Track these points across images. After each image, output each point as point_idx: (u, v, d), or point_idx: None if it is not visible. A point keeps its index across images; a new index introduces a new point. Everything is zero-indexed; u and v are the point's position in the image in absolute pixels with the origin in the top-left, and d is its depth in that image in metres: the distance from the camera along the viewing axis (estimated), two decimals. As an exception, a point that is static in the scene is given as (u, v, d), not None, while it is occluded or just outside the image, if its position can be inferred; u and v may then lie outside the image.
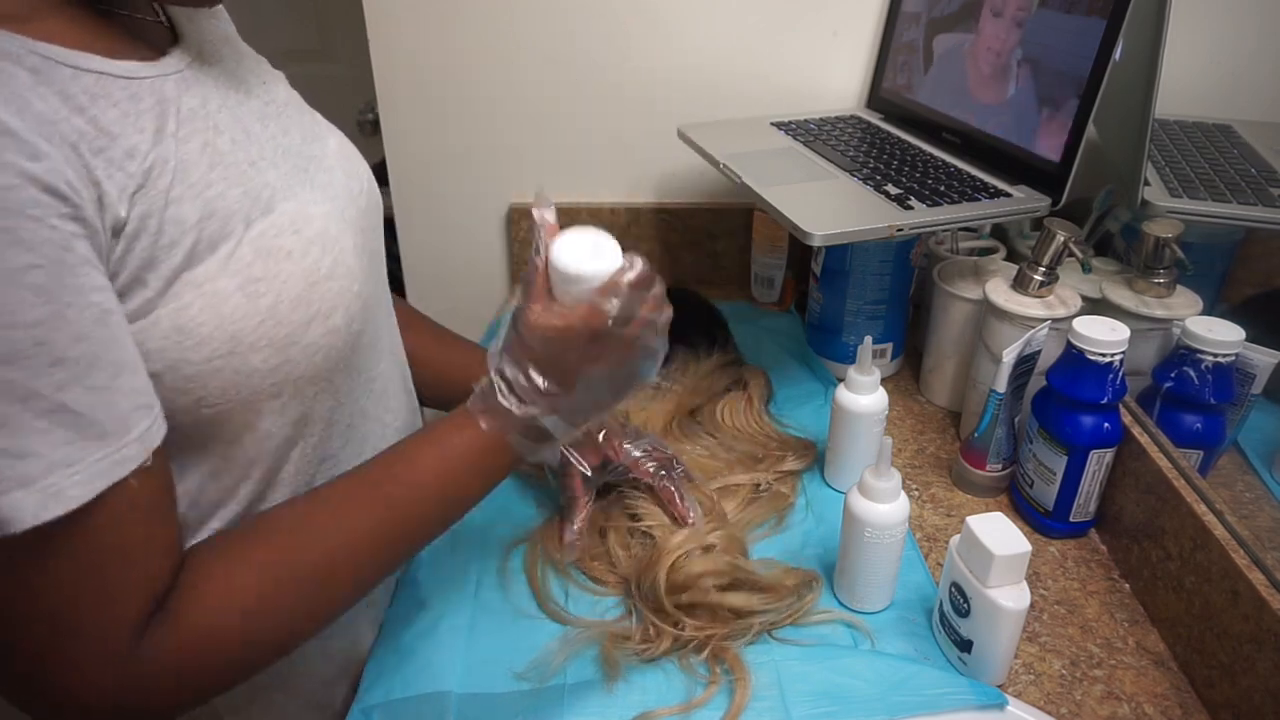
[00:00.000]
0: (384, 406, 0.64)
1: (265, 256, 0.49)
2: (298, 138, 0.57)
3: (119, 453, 0.41)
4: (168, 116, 0.46)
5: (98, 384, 0.40)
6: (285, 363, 0.50)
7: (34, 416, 0.38)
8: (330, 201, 0.56)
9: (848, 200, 0.79)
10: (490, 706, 0.58)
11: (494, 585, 0.69)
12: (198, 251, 0.46)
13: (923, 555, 0.72)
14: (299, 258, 0.50)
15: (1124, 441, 0.70)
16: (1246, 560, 0.57)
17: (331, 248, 0.53)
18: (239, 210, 0.48)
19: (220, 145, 0.49)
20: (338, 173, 0.60)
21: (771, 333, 1.06)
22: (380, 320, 0.63)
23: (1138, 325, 0.70)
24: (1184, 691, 0.61)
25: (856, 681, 0.58)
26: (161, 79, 0.47)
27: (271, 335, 0.49)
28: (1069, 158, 0.74)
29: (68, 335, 0.38)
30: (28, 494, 0.38)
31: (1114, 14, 0.69)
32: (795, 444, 0.83)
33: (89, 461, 0.39)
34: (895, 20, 1.03)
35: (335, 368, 0.55)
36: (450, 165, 1.16)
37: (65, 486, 0.39)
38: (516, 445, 0.53)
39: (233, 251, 0.47)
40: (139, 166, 0.43)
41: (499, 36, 1.07)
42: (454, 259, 1.22)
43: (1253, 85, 0.79)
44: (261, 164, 0.52)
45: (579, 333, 0.51)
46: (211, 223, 0.46)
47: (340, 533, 0.50)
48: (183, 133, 0.47)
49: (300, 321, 0.50)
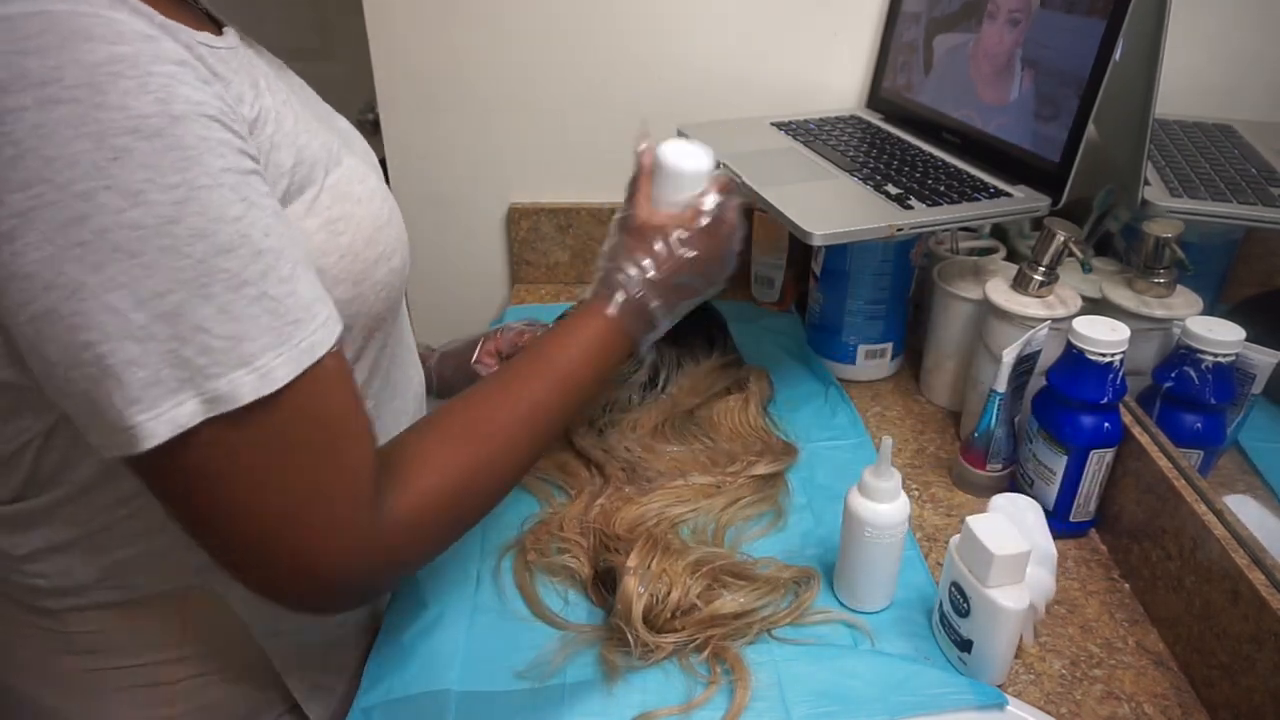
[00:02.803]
0: (410, 361, 0.71)
1: (341, 200, 0.54)
2: (326, 112, 0.64)
3: (313, 336, 0.44)
4: (257, 76, 0.50)
5: (285, 274, 0.43)
6: (358, 297, 0.55)
7: (246, 303, 0.41)
8: (370, 166, 0.62)
9: (848, 200, 0.79)
10: (490, 705, 0.59)
11: (493, 585, 0.69)
12: (290, 193, 0.50)
13: (923, 555, 0.72)
14: (366, 203, 0.56)
15: (1124, 441, 0.70)
16: (1246, 560, 0.57)
17: (385, 199, 0.59)
18: (320, 160, 0.53)
19: (294, 104, 0.54)
20: (359, 144, 0.65)
21: (771, 333, 1.06)
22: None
23: (1138, 325, 0.70)
24: (1184, 691, 0.61)
25: (856, 681, 0.58)
26: (234, 50, 0.51)
27: (350, 270, 0.54)
28: (1069, 158, 0.74)
29: (260, 230, 0.42)
30: (247, 373, 0.41)
31: (1114, 14, 0.69)
32: (777, 446, 0.83)
33: (292, 344, 0.43)
34: (895, 20, 1.03)
35: (390, 309, 0.60)
36: (450, 165, 1.15)
37: (274, 366, 0.42)
38: (632, 330, 0.61)
39: (316, 196, 0.52)
40: (249, 112, 0.48)
41: (499, 36, 1.07)
42: (454, 259, 1.22)
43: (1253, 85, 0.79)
44: (321, 126, 0.57)
45: (683, 228, 0.62)
46: (301, 169, 0.51)
47: (523, 403, 0.56)
48: (270, 89, 0.51)
49: (371, 259, 0.56)
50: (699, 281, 0.64)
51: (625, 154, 1.13)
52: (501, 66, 1.09)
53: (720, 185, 0.65)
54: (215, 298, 0.40)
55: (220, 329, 0.40)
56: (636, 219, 0.63)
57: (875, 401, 0.94)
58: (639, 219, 0.63)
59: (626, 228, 0.64)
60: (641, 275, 0.61)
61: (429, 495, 0.50)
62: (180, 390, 0.40)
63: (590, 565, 0.68)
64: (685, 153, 0.64)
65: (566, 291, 1.19)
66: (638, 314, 0.61)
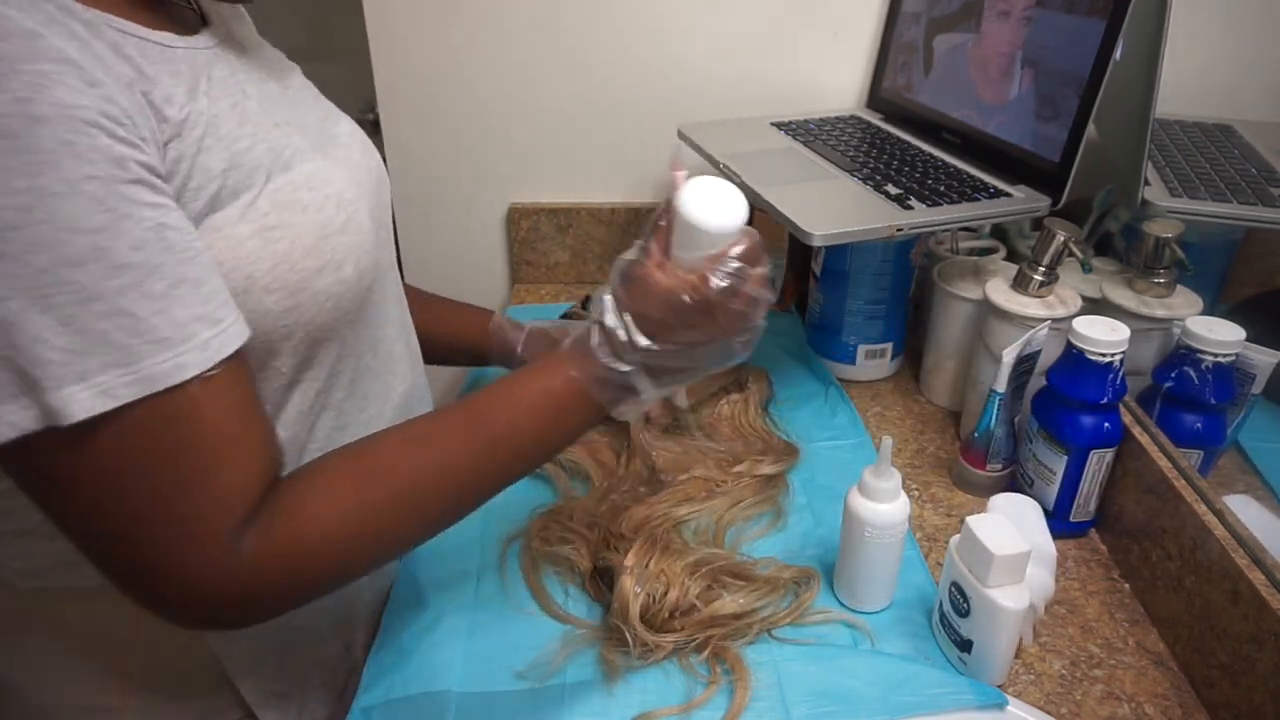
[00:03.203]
0: (389, 370, 0.67)
1: (282, 208, 0.52)
2: (315, 117, 0.62)
3: (179, 358, 0.43)
4: (200, 78, 0.50)
5: (156, 291, 0.42)
6: (296, 306, 0.53)
7: (94, 318, 0.40)
8: (346, 171, 0.60)
9: (848, 200, 0.79)
10: (490, 705, 0.59)
11: (494, 584, 0.69)
12: (220, 198, 0.49)
13: (923, 555, 0.72)
14: (314, 211, 0.54)
15: (1124, 441, 0.70)
16: (1246, 560, 0.57)
17: (346, 207, 0.57)
18: (262, 165, 0.52)
19: (248, 107, 0.53)
20: (354, 149, 0.64)
21: (771, 333, 1.05)
22: (388, 288, 0.66)
23: (1138, 325, 0.70)
24: (1184, 691, 0.61)
25: (856, 681, 0.58)
26: (193, 50, 0.51)
27: (284, 280, 0.52)
28: (1069, 158, 0.74)
29: (127, 243, 0.41)
30: (82, 389, 0.40)
31: (1114, 14, 0.69)
32: (779, 446, 0.83)
33: (146, 364, 0.42)
34: (895, 20, 1.03)
35: (344, 318, 0.58)
36: (450, 165, 1.15)
37: (116, 385, 0.41)
38: (600, 396, 0.54)
39: (252, 201, 0.50)
40: (176, 113, 0.46)
41: (499, 37, 1.07)
42: (454, 259, 1.22)
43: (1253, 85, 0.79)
44: (287, 128, 0.56)
45: (686, 297, 0.51)
46: (235, 173, 0.50)
47: (438, 459, 0.52)
48: (214, 93, 0.50)
49: (311, 269, 0.53)
50: (696, 356, 0.54)
51: (625, 154, 1.14)
52: (501, 66, 1.09)
53: (746, 251, 0.52)
54: (56, 309, 0.39)
55: (59, 341, 0.39)
56: (642, 268, 0.53)
57: (875, 401, 0.94)
58: (644, 270, 0.53)
59: (628, 277, 0.53)
60: (628, 339, 0.52)
61: (302, 536, 0.47)
62: (18, 397, 0.40)
63: (590, 560, 0.69)
64: (711, 201, 0.51)
65: (566, 292, 1.19)
66: (611, 382, 0.53)
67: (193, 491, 0.44)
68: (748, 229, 0.52)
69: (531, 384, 0.54)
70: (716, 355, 0.55)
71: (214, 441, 0.45)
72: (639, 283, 0.52)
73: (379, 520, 0.50)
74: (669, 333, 0.52)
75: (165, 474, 0.44)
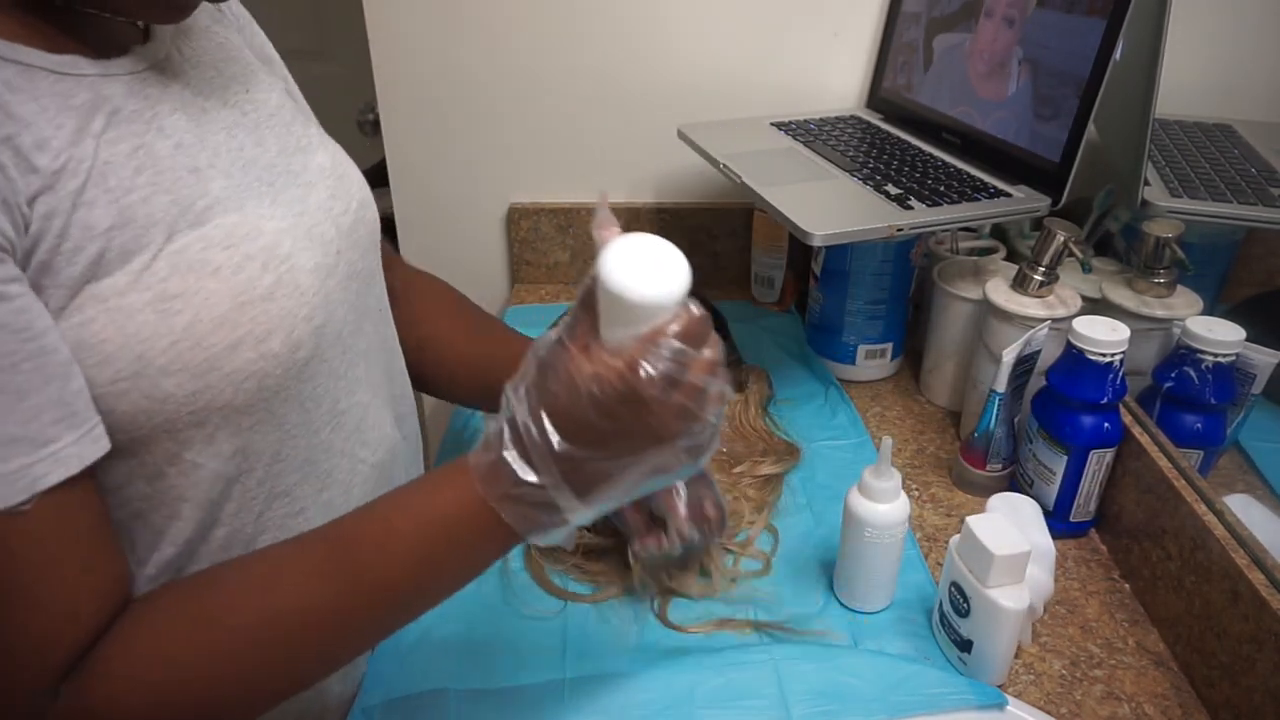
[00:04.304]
0: (357, 441, 0.58)
1: (185, 272, 0.44)
2: (273, 150, 0.54)
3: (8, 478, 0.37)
4: (95, 115, 0.43)
5: None
6: (205, 389, 0.45)
7: None
8: (293, 218, 0.52)
9: (848, 200, 0.79)
10: (491, 704, 0.58)
11: (494, 584, 0.69)
12: (106, 261, 0.42)
13: (923, 555, 0.72)
14: (228, 275, 0.46)
15: (1124, 441, 0.70)
16: (1246, 560, 0.57)
17: (276, 266, 0.48)
18: (162, 220, 0.44)
19: (158, 149, 0.45)
20: (318, 189, 0.55)
21: (771, 333, 1.06)
22: (355, 348, 0.57)
23: (1138, 325, 0.70)
24: (1184, 691, 0.61)
25: (856, 681, 0.58)
26: (106, 78, 0.45)
27: (187, 358, 0.44)
28: (1069, 158, 0.74)
29: None
30: None
31: (1114, 14, 0.69)
32: (780, 446, 0.83)
33: None
34: (895, 20, 1.03)
35: (275, 397, 0.49)
36: (450, 165, 1.15)
37: None
38: (513, 519, 0.42)
39: (147, 265, 0.43)
40: (48, 163, 0.40)
41: (499, 37, 1.07)
42: (454, 259, 1.22)
43: (1253, 85, 0.79)
44: (210, 172, 0.48)
45: (611, 388, 0.40)
46: (125, 231, 0.42)
47: (294, 598, 0.43)
48: (111, 134, 0.43)
49: (224, 345, 0.45)
50: (631, 471, 0.42)
51: (625, 154, 1.14)
52: (501, 66, 1.09)
53: (685, 328, 0.41)
54: None
55: None
56: (563, 352, 0.42)
57: (875, 401, 0.94)
58: (566, 353, 0.41)
59: (545, 364, 0.42)
60: (543, 443, 0.41)
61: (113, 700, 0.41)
62: None
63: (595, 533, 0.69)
64: (641, 266, 0.40)
65: (566, 292, 1.19)
66: (528, 499, 0.42)
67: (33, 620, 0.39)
68: (690, 301, 0.41)
69: (420, 503, 0.45)
70: (655, 463, 0.42)
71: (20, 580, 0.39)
72: (557, 371, 0.41)
73: (210, 675, 0.42)
74: (592, 434, 0.41)
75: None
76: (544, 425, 0.41)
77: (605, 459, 0.42)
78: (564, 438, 0.41)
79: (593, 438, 0.41)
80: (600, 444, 0.41)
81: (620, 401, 0.40)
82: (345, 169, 0.60)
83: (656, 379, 0.40)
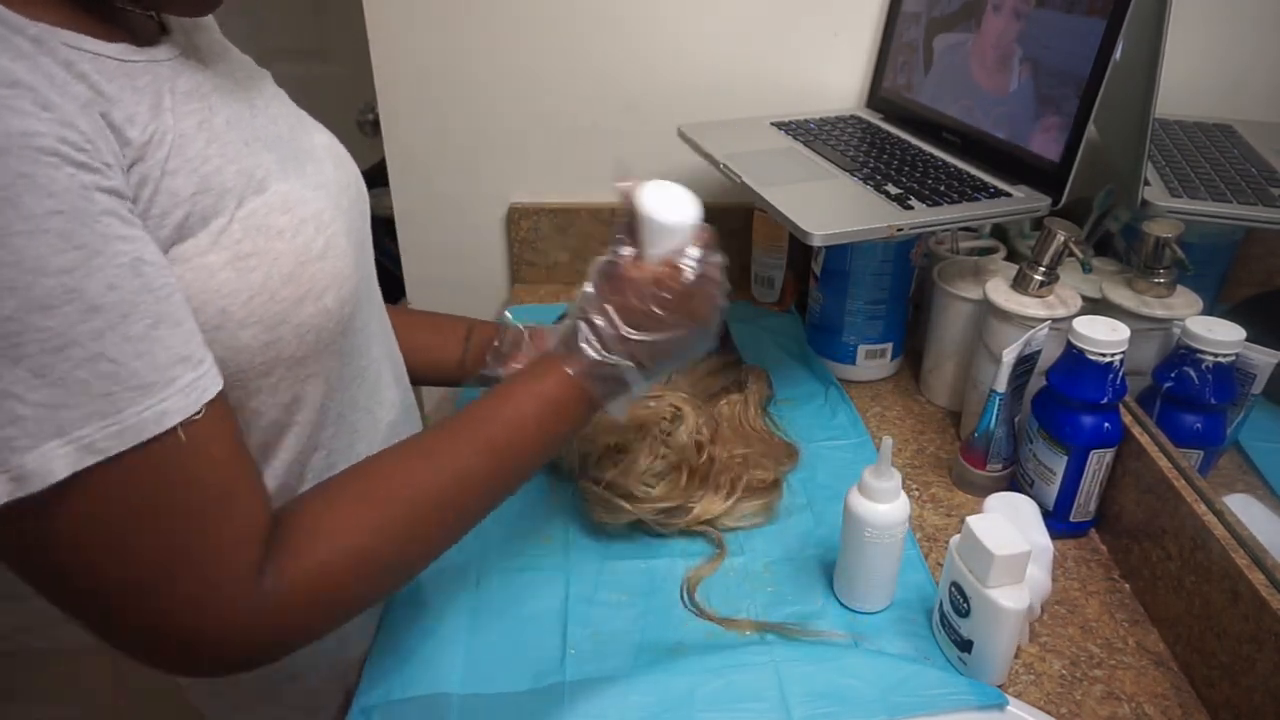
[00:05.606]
0: (375, 399, 0.64)
1: (256, 233, 0.49)
2: (286, 130, 0.58)
3: (164, 403, 0.40)
4: (163, 94, 0.47)
5: (135, 333, 0.39)
6: (276, 340, 0.50)
7: (71, 366, 0.37)
8: (323, 188, 0.57)
9: (848, 200, 0.79)
10: (491, 707, 0.58)
11: (494, 584, 0.69)
12: (189, 225, 0.46)
13: (923, 555, 0.72)
14: (290, 237, 0.51)
15: (1124, 441, 0.70)
16: (1246, 560, 0.57)
17: (324, 229, 0.54)
18: (233, 187, 0.48)
19: (215, 124, 0.49)
20: (328, 164, 0.61)
21: (771, 333, 1.06)
22: (371, 310, 0.64)
23: (1138, 325, 0.70)
24: (1184, 691, 0.61)
25: (856, 681, 0.58)
26: (154, 63, 0.48)
27: (263, 312, 0.49)
28: (1069, 158, 0.74)
29: (101, 282, 0.38)
30: (61, 445, 0.37)
31: (1114, 14, 0.69)
32: (780, 447, 0.83)
33: (128, 413, 0.39)
34: (895, 20, 1.03)
35: (327, 350, 0.55)
36: (450, 165, 1.15)
37: (99, 438, 0.38)
38: (594, 390, 0.56)
39: (224, 227, 0.47)
40: (138, 135, 0.43)
41: (499, 36, 1.07)
42: (454, 259, 1.22)
43: (1253, 85, 0.79)
44: (256, 145, 0.52)
45: (663, 285, 0.55)
46: (205, 197, 0.46)
47: (447, 471, 0.52)
48: (180, 109, 0.47)
49: (291, 299, 0.50)
50: (678, 343, 0.58)
51: (625, 154, 1.14)
52: (501, 67, 1.09)
53: (701, 240, 0.58)
54: (28, 360, 0.36)
55: (32, 395, 0.36)
56: (618, 268, 0.57)
57: (875, 401, 0.94)
58: (620, 268, 0.57)
59: (606, 276, 0.57)
60: (615, 332, 0.55)
61: (323, 561, 0.46)
62: None
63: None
64: (666, 202, 0.57)
65: (566, 292, 1.19)
66: (604, 375, 0.56)
67: (202, 537, 0.42)
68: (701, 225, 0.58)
69: (528, 387, 0.55)
70: (693, 342, 0.59)
71: (212, 484, 0.43)
72: (619, 280, 0.56)
73: (395, 535, 0.49)
74: (652, 323, 0.55)
75: (166, 525, 0.41)
76: (613, 318, 0.55)
77: (659, 341, 0.56)
78: (630, 326, 0.55)
79: (650, 324, 0.55)
80: (654, 328, 0.56)
81: (671, 293, 0.56)
82: (339, 149, 0.65)
83: (693, 276, 0.56)
